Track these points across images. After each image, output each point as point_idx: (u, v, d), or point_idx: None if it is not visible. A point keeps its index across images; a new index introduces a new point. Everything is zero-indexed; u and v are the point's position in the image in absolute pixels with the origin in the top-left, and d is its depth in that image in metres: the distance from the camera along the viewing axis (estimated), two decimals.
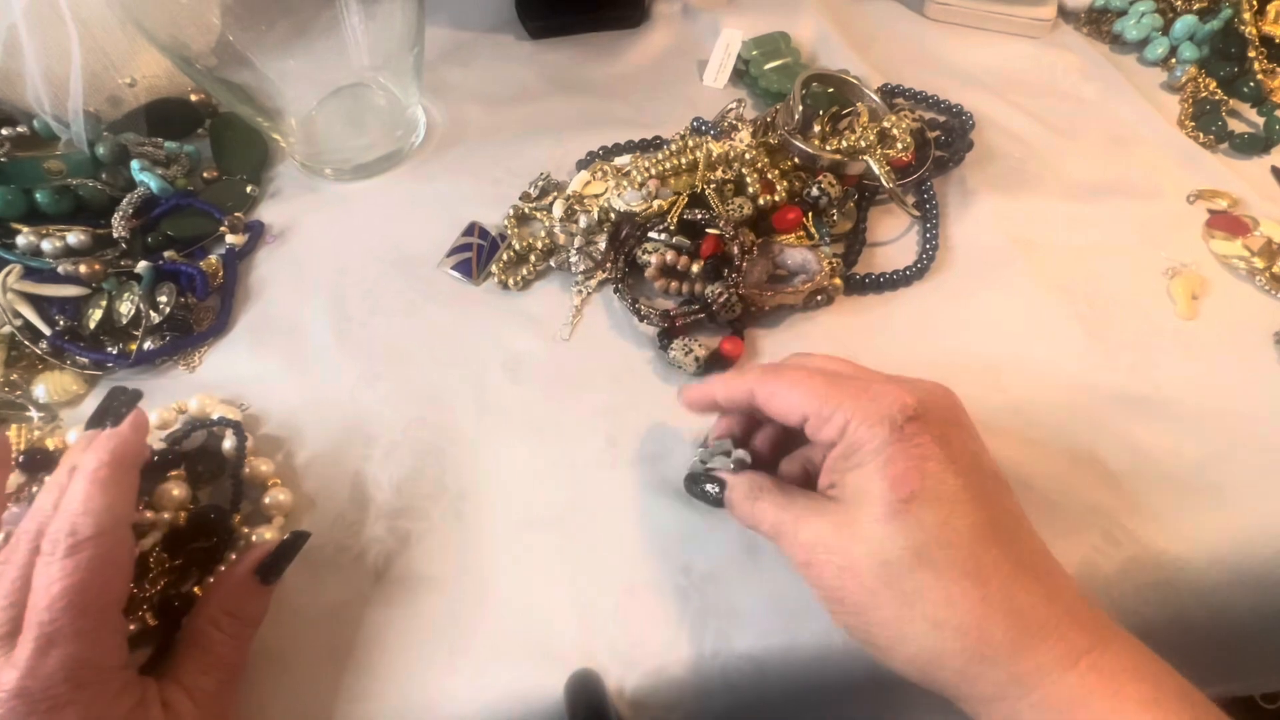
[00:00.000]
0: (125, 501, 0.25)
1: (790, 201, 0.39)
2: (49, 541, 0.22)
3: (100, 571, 0.23)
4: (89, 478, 0.24)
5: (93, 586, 0.22)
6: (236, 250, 0.41)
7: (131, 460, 0.26)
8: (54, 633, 0.21)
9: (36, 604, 0.21)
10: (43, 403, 0.35)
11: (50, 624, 0.21)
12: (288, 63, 0.40)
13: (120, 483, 0.25)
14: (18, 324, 0.36)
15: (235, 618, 0.26)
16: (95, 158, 0.42)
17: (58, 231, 0.39)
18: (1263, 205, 0.42)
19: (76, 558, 0.22)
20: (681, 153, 0.40)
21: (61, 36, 0.38)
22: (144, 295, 0.38)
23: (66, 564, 0.22)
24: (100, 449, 0.25)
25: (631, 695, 0.28)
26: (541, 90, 0.50)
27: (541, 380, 0.36)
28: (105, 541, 0.23)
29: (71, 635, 0.21)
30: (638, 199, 0.39)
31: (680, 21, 0.55)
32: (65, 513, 0.23)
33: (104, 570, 0.23)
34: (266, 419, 0.35)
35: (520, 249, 0.40)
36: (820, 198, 0.39)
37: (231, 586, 0.27)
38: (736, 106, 0.45)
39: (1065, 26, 0.54)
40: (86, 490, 0.24)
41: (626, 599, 0.30)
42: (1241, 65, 0.49)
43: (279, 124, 0.43)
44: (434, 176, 0.45)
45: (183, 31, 0.38)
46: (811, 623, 0.29)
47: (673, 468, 0.33)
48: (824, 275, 0.37)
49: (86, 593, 0.22)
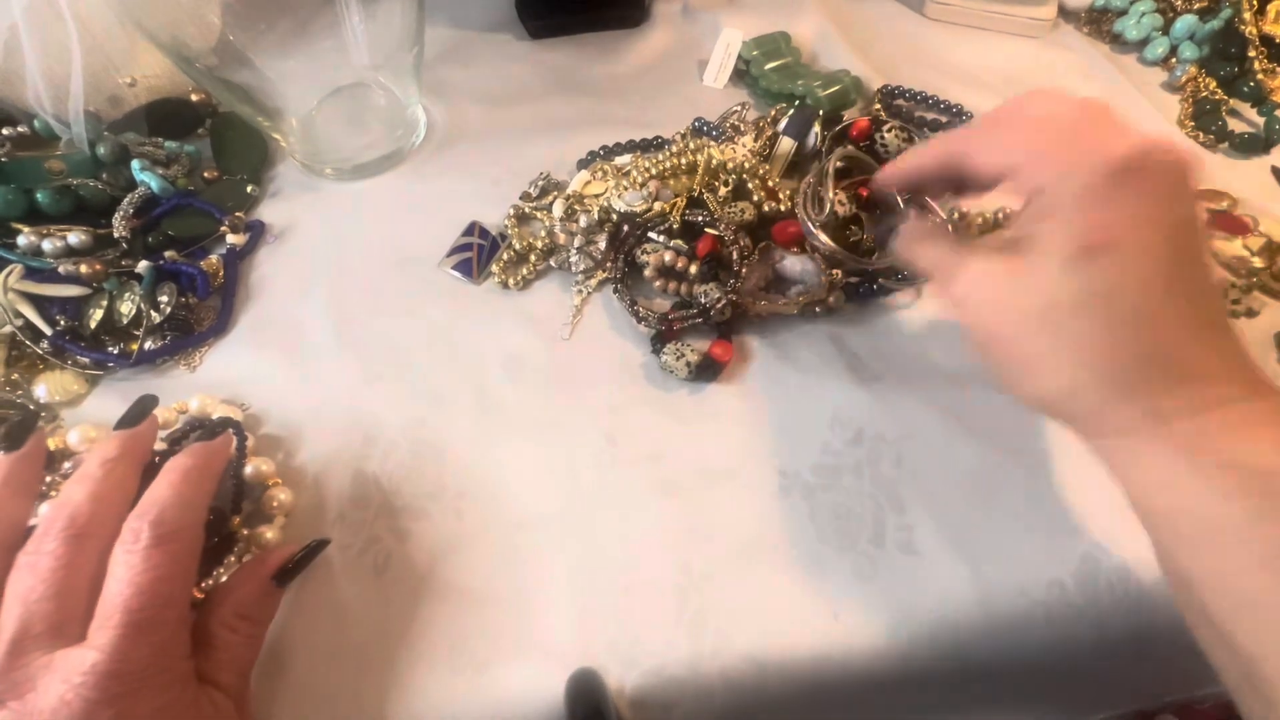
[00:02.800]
0: (205, 503, 0.26)
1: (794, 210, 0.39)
2: (133, 532, 0.23)
3: (185, 564, 0.24)
4: (182, 474, 0.25)
5: (178, 578, 0.23)
6: (237, 250, 0.41)
7: (216, 470, 0.28)
8: (143, 621, 0.22)
9: (123, 592, 0.22)
10: (44, 402, 0.35)
11: (139, 612, 0.22)
12: (288, 62, 0.40)
13: (205, 486, 0.26)
14: (19, 324, 0.36)
15: (248, 619, 0.26)
16: (96, 157, 0.42)
17: (59, 231, 0.39)
18: (1262, 205, 0.42)
19: (166, 549, 0.23)
20: (682, 154, 0.40)
21: (62, 36, 0.38)
22: (145, 295, 0.38)
23: (155, 554, 0.23)
24: (195, 453, 0.27)
25: (631, 695, 0.28)
26: (541, 90, 0.50)
27: (542, 380, 0.36)
28: (189, 536, 0.24)
29: (159, 624, 0.22)
30: (638, 199, 0.39)
31: (680, 21, 0.55)
32: (155, 504, 0.24)
33: (187, 563, 0.24)
34: (267, 419, 0.35)
35: (520, 249, 0.40)
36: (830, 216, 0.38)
37: (247, 590, 0.27)
38: (740, 109, 0.45)
39: (1065, 26, 0.54)
40: (179, 486, 0.25)
41: (626, 598, 0.30)
42: (1242, 65, 0.49)
43: (279, 124, 0.43)
44: (434, 176, 0.45)
45: (183, 31, 0.38)
46: (811, 623, 0.29)
47: (673, 467, 0.33)
48: (821, 288, 0.36)
49: (174, 583, 0.23)
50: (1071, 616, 0.29)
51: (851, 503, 0.32)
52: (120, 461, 0.26)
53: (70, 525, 0.23)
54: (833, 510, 0.32)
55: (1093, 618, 0.29)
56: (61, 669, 0.21)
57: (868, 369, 0.36)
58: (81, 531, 0.23)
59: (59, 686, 0.20)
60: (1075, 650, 0.30)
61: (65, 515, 0.23)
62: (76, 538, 0.23)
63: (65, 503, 0.24)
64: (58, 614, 0.22)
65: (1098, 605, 0.29)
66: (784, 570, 0.30)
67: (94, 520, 0.24)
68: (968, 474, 0.32)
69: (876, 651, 0.29)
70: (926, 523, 0.31)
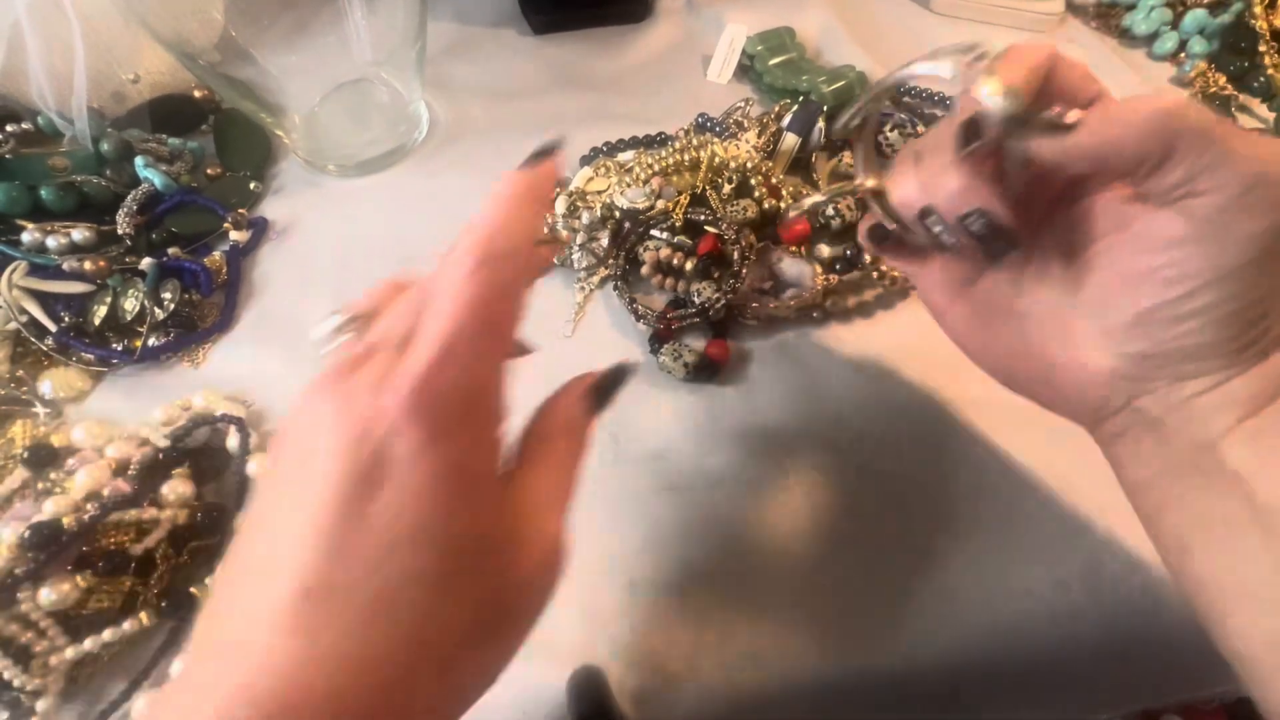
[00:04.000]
0: (537, 225, 0.21)
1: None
2: (458, 254, 0.19)
3: (505, 296, 0.20)
4: (508, 199, 0.21)
5: (495, 308, 0.19)
6: (240, 247, 0.41)
7: (546, 193, 0.23)
8: (458, 346, 0.18)
9: (439, 310, 0.19)
10: (48, 399, 0.35)
11: (453, 334, 0.18)
12: (290, 58, 0.40)
13: (534, 208, 0.21)
14: (23, 320, 0.36)
15: (550, 441, 0.23)
16: (99, 154, 0.42)
17: (62, 228, 0.39)
18: None
19: (488, 270, 0.19)
20: (685, 150, 0.40)
21: (65, 32, 0.38)
22: (148, 292, 0.38)
23: (480, 274, 0.19)
24: (520, 176, 0.22)
25: (634, 693, 0.28)
26: (545, 85, 0.50)
27: (543, 376, 0.36)
28: (515, 264, 0.20)
29: (470, 355, 0.18)
30: (641, 196, 0.39)
31: (684, 16, 0.54)
32: (480, 226, 0.20)
33: (508, 298, 0.20)
34: (270, 415, 0.35)
35: None
36: (834, 219, 0.38)
37: (557, 414, 0.23)
38: (744, 105, 0.45)
39: (1073, 20, 0.53)
40: (505, 209, 0.21)
41: (628, 596, 0.30)
42: (1252, 60, 0.48)
43: (282, 120, 0.43)
44: (437, 172, 0.45)
45: (185, 27, 0.38)
46: (813, 622, 0.29)
47: (675, 465, 0.33)
48: (815, 293, 0.36)
49: (490, 309, 0.19)
50: (1075, 616, 0.29)
51: (853, 502, 0.32)
52: (521, 199, 0.21)
53: (476, 249, 0.19)
54: (834, 510, 0.31)
55: (1096, 618, 0.29)
56: (386, 378, 0.18)
57: (869, 368, 0.36)
58: (485, 256, 0.19)
59: (375, 396, 0.17)
60: (1079, 650, 0.30)
61: (477, 240, 0.20)
62: (483, 261, 0.19)
63: (473, 228, 0.20)
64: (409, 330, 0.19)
65: (1101, 605, 0.29)
66: (785, 569, 0.30)
67: (496, 250, 0.20)
68: (971, 474, 0.32)
69: (879, 651, 0.29)
70: (929, 522, 0.31)
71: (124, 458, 0.31)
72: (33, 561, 0.28)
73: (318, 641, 0.16)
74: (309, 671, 0.15)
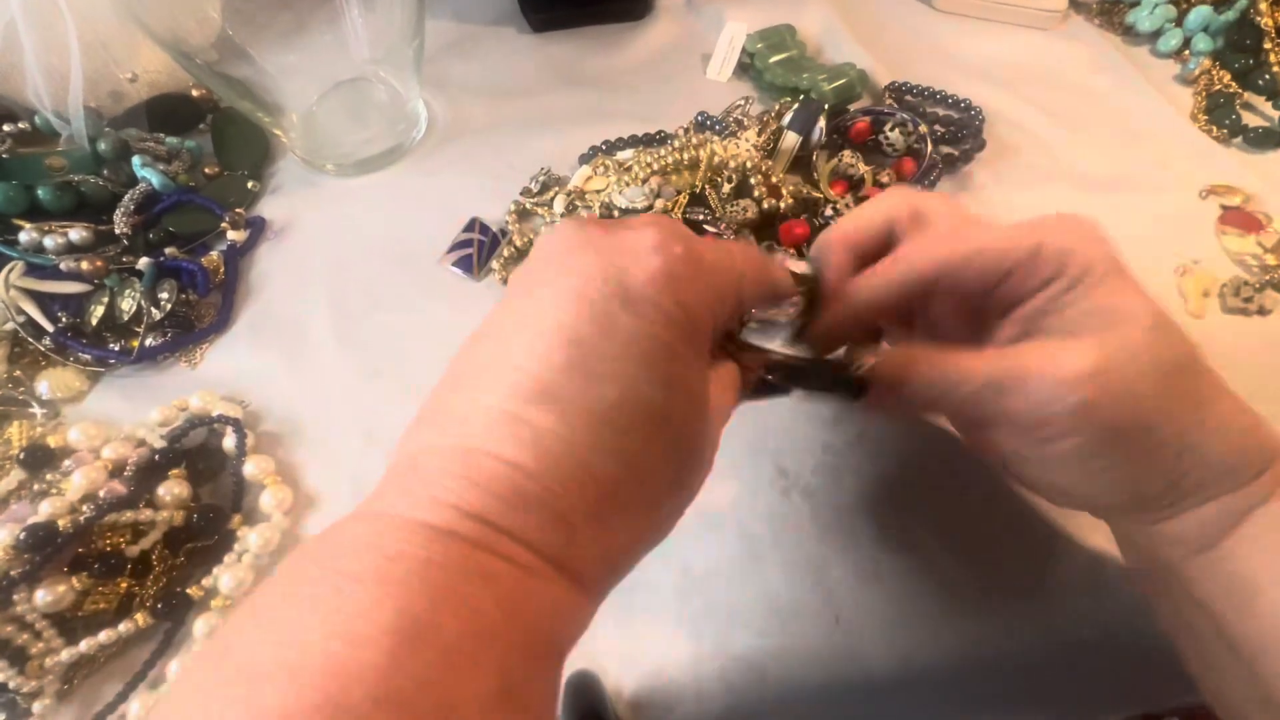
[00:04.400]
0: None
1: (798, 212, 0.38)
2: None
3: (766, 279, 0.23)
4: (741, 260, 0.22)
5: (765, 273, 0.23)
6: (238, 246, 0.41)
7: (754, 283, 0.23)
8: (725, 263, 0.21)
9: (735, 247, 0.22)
10: (45, 399, 0.35)
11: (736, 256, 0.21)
12: (288, 57, 0.40)
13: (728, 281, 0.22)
14: (20, 320, 0.36)
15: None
16: (96, 154, 0.42)
17: (60, 228, 0.39)
18: (1277, 201, 0.41)
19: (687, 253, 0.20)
20: (684, 149, 0.39)
21: (61, 31, 0.38)
22: (146, 292, 0.38)
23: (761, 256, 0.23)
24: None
25: (630, 696, 0.28)
26: (544, 84, 0.50)
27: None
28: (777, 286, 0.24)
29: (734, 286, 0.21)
30: (639, 195, 0.38)
31: (684, 14, 0.54)
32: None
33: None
34: (267, 416, 0.35)
35: (521, 245, 0.40)
36: (834, 219, 0.38)
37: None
38: (744, 104, 0.45)
39: (1076, 18, 0.53)
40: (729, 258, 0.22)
41: (625, 599, 0.30)
42: (1257, 57, 0.48)
43: (279, 119, 0.43)
44: (435, 171, 0.45)
45: (182, 26, 0.37)
46: (811, 623, 0.29)
47: None
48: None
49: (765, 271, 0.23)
50: (1076, 619, 0.29)
51: (853, 503, 0.31)
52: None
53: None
54: (834, 510, 0.31)
55: (1097, 620, 0.29)
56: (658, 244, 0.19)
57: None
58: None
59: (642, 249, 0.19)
60: (1080, 653, 0.29)
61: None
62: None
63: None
64: None
65: (1103, 608, 0.29)
66: (785, 571, 0.30)
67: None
68: (970, 475, 0.32)
69: (878, 653, 0.28)
70: (929, 523, 0.31)
71: (120, 459, 0.31)
72: (29, 563, 0.28)
73: (566, 414, 0.17)
74: (560, 440, 0.17)
